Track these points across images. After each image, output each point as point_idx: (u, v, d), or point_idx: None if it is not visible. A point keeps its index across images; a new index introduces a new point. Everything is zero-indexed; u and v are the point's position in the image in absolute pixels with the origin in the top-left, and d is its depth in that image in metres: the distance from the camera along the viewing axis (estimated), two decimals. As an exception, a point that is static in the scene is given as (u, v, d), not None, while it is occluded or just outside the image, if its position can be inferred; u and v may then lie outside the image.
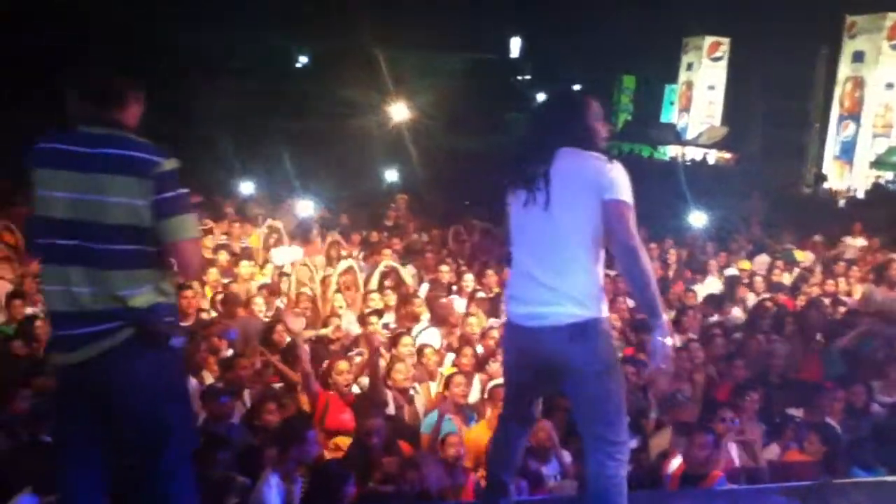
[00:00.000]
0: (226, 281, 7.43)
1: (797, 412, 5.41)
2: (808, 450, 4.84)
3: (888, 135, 21.02)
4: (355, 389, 5.28)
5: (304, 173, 13.80)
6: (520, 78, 42.29)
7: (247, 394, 5.04)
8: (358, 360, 5.74)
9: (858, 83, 21.38)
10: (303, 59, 37.53)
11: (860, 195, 20.16)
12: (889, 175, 20.97)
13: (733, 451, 4.81)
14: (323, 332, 6.37)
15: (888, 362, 6.10)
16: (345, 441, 4.62)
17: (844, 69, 21.92)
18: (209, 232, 9.16)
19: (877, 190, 20.12)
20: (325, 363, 5.41)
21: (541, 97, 45.20)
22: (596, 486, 2.76)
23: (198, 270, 2.98)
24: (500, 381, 5.38)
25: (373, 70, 26.15)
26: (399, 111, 24.06)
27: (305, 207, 10.70)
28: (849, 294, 8.55)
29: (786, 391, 5.81)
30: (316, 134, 22.29)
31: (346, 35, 29.12)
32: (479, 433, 4.87)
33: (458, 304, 7.18)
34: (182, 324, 3.81)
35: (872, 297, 7.77)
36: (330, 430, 4.79)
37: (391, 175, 15.91)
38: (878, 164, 20.95)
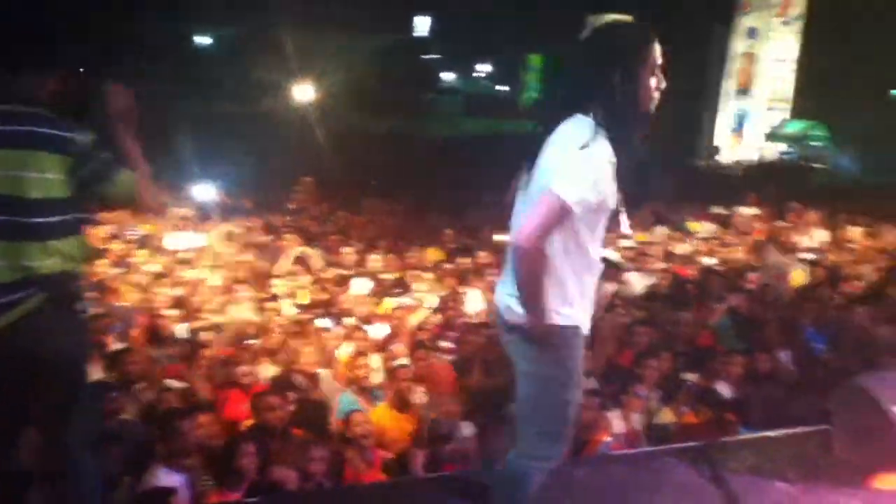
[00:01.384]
0: (119, 270, 7.17)
1: (692, 377, 5.61)
2: (700, 413, 5.04)
3: (779, 108, 21.94)
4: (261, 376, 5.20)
5: (208, 157, 13.40)
6: (429, 57, 42.19)
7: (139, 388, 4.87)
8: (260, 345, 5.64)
9: (752, 58, 22.17)
10: (208, 41, 36.39)
11: (754, 166, 21.04)
12: (783, 146, 21.87)
13: (624, 417, 4.97)
14: (220, 320, 6.22)
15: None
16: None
17: (738, 45, 22.68)
18: (103, 222, 8.81)
19: (771, 161, 21.06)
20: (223, 353, 5.28)
21: (450, 77, 45.28)
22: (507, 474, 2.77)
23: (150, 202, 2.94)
24: (404, 361, 5.42)
25: (280, 52, 25.58)
26: (307, 93, 23.63)
27: (207, 192, 10.42)
28: (738, 260, 8.90)
29: (684, 357, 6.01)
30: (222, 117, 21.70)
31: (252, 16, 28.37)
32: (383, 413, 4.86)
33: (362, 285, 7.14)
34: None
35: (764, 266, 8.11)
36: (230, 420, 4.69)
37: (298, 158, 15.62)
38: (772, 136, 21.83)
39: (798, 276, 8.16)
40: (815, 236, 9.82)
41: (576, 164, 2.32)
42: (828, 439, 4.18)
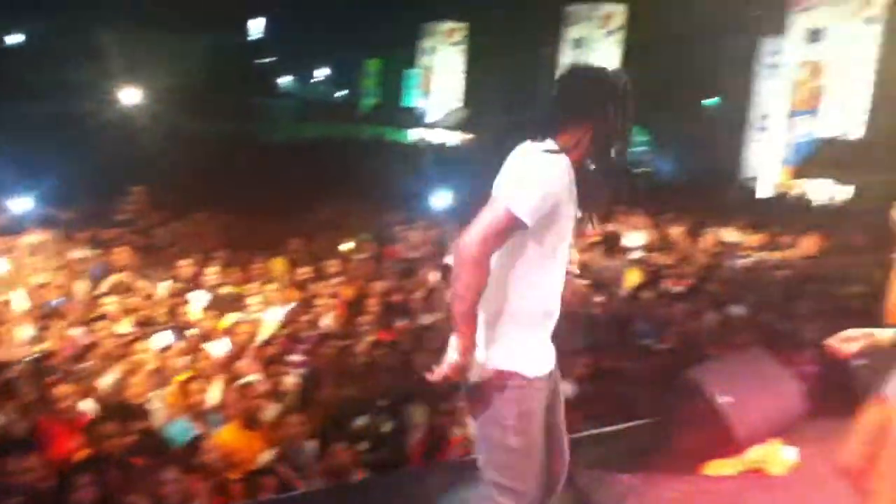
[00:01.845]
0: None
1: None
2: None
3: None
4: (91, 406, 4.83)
5: (21, 164, 12.33)
6: (264, 60, 41.17)
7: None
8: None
9: (578, 68, 23.37)
10: (18, 39, 33.58)
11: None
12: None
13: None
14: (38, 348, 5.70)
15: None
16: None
17: (566, 55, 23.79)
18: None
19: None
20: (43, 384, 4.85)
21: (287, 80, 44.43)
22: None
23: None
24: (251, 378, 5.23)
25: (100, 52, 24.01)
26: (133, 96, 22.34)
27: (21, 203, 9.60)
28: (575, 263, 9.30)
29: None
30: (37, 120, 20.05)
31: (73, 14, 26.44)
32: (230, 435, 4.66)
33: (200, 299, 6.83)
34: None
35: (599, 264, 8.52)
36: (59, 459, 4.31)
37: (125, 164, 14.71)
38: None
39: (631, 276, 8.64)
40: (641, 237, 10.43)
41: (528, 173, 2.30)
42: (664, 430, 4.44)
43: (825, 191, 17.34)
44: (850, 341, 2.87)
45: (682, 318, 6.95)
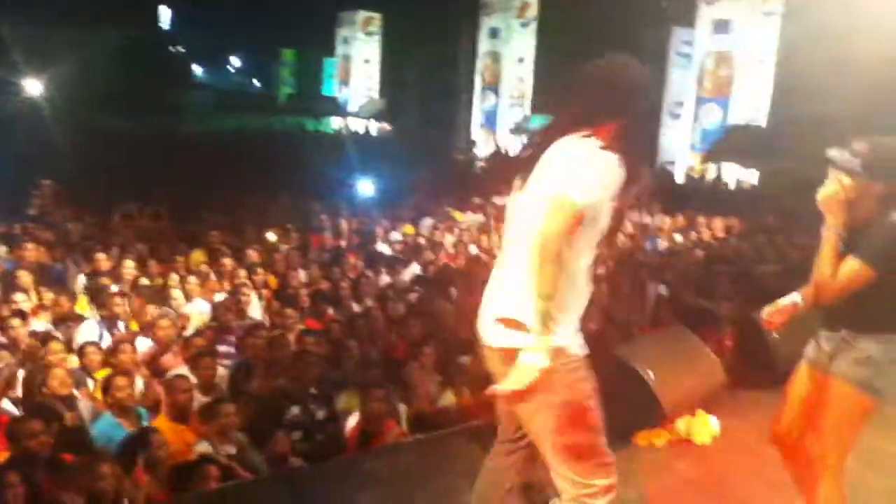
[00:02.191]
0: None
1: (468, 359, 5.86)
2: (481, 392, 5.28)
3: (522, 104, 23.58)
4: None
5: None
6: (175, 50, 40.01)
7: None
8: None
9: (496, 57, 23.56)
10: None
11: (507, 159, 22.44)
12: (526, 140, 23.44)
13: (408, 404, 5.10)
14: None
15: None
16: None
17: (483, 44, 23.99)
18: None
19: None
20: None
21: (198, 71, 43.30)
22: None
23: None
24: (178, 371, 5.11)
25: (8, 45, 22.86)
26: (40, 90, 21.41)
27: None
28: (499, 248, 9.44)
29: (459, 342, 6.26)
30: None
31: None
32: (160, 426, 4.55)
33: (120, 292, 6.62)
34: None
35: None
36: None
37: (32, 160, 14.08)
38: (517, 130, 23.40)
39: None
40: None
41: (589, 169, 2.31)
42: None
43: (736, 175, 18.07)
44: (778, 312, 3.03)
45: (605, 299, 7.15)
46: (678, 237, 10.55)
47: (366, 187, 12.95)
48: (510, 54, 23.17)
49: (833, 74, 14.10)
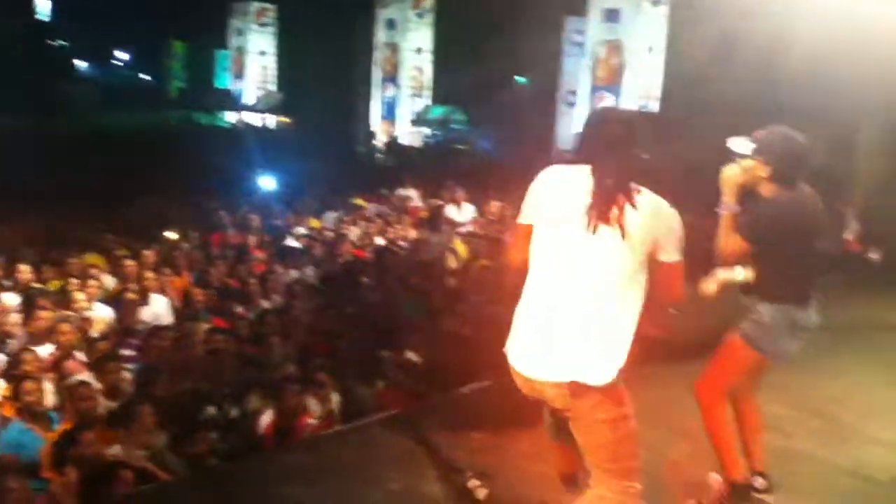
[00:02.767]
0: None
1: (385, 352, 5.89)
2: (402, 384, 5.35)
3: (422, 94, 23.63)
4: None
5: None
6: (55, 43, 38.05)
7: None
8: None
9: (394, 48, 23.49)
10: None
11: (408, 150, 22.49)
12: (427, 131, 23.61)
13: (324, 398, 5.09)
14: None
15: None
16: None
17: (380, 35, 23.87)
18: None
19: (421, 145, 22.72)
20: None
21: (82, 64, 41.31)
22: None
23: None
24: (83, 376, 4.94)
25: None
26: None
27: None
28: (405, 238, 9.50)
29: (377, 334, 6.26)
30: None
31: None
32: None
33: (9, 299, 6.33)
34: None
35: (429, 241, 8.74)
36: None
37: None
38: (417, 121, 23.45)
39: (460, 249, 8.94)
40: (466, 211, 10.77)
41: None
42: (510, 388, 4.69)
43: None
44: (709, 283, 3.30)
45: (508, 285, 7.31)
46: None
47: (266, 182, 12.73)
48: (408, 45, 23.17)
49: (717, 60, 14.78)
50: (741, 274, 3.22)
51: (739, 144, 3.18)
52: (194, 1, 28.86)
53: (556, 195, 2.62)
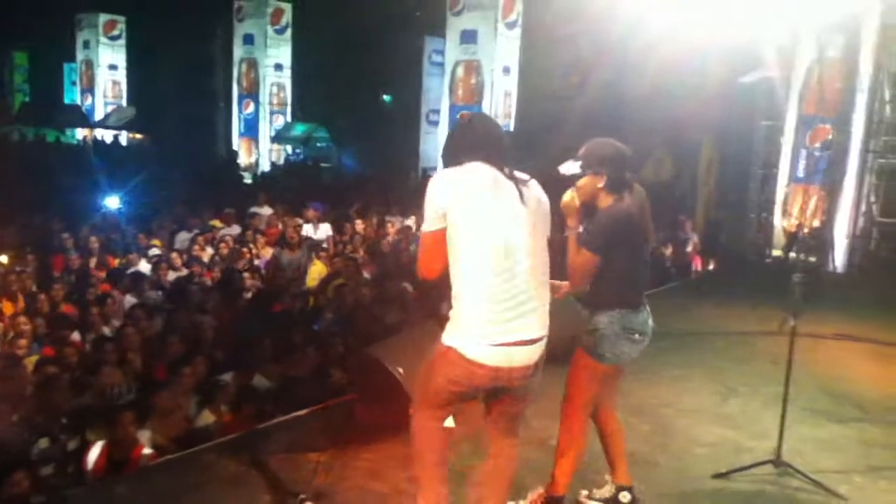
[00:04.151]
0: None
1: (227, 377, 5.74)
2: (242, 409, 5.21)
3: (284, 111, 23.33)
4: None
5: None
6: None
7: None
8: None
9: (252, 64, 23.08)
10: None
11: (266, 168, 22.14)
12: (290, 148, 23.33)
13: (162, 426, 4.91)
14: None
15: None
16: None
17: (238, 50, 23.40)
18: None
19: (283, 163, 22.42)
20: None
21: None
22: None
23: None
24: None
25: None
26: None
27: None
28: (258, 257, 9.33)
29: (223, 357, 6.09)
30: None
31: None
32: None
33: None
34: None
35: (280, 260, 8.61)
36: None
37: None
38: (279, 139, 23.11)
39: (318, 268, 8.87)
40: (323, 230, 10.71)
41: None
42: (351, 407, 4.70)
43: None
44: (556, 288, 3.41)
45: (370, 301, 7.32)
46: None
47: (112, 202, 12.15)
48: (267, 61, 22.82)
49: (569, 81, 15.46)
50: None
51: (569, 167, 3.30)
52: (37, 11, 27.26)
53: (468, 190, 2.73)
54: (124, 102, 27.57)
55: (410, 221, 11.77)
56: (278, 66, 22.83)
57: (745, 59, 11.90)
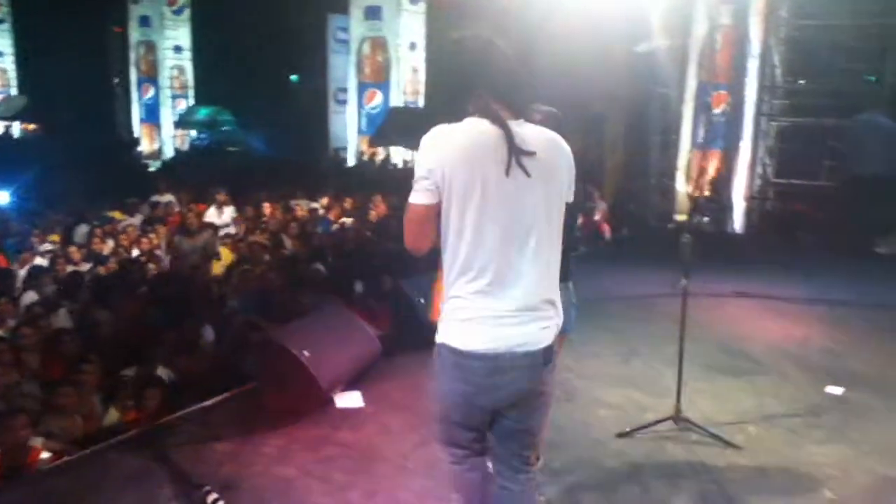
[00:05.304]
0: None
1: (130, 372, 5.57)
2: (147, 403, 5.06)
3: (186, 95, 22.60)
4: None
5: None
6: None
7: None
8: None
9: (150, 47, 22.26)
10: None
11: (171, 154, 21.46)
12: (193, 133, 22.66)
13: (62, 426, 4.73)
14: None
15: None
16: None
17: (135, 34, 22.52)
18: None
19: (188, 148, 21.75)
20: None
21: None
22: None
23: None
24: None
25: None
26: None
27: None
28: (159, 247, 9.07)
29: (124, 352, 5.89)
30: None
31: None
32: None
33: None
34: None
35: (181, 247, 8.39)
36: None
37: None
38: (182, 124, 22.39)
39: (224, 254, 8.67)
40: (227, 214, 10.46)
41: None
42: (257, 394, 4.64)
43: (403, 156, 19.09)
44: None
45: (279, 287, 7.20)
46: (346, 220, 10.90)
47: (4, 197, 11.60)
48: (165, 43, 22.05)
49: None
50: None
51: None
52: None
53: (465, 154, 2.22)
54: (14, 91, 26.16)
55: (317, 204, 11.64)
56: (178, 49, 22.10)
57: (643, 29, 12.16)
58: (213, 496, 3.43)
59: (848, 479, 3.79)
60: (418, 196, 2.26)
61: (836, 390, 5.00)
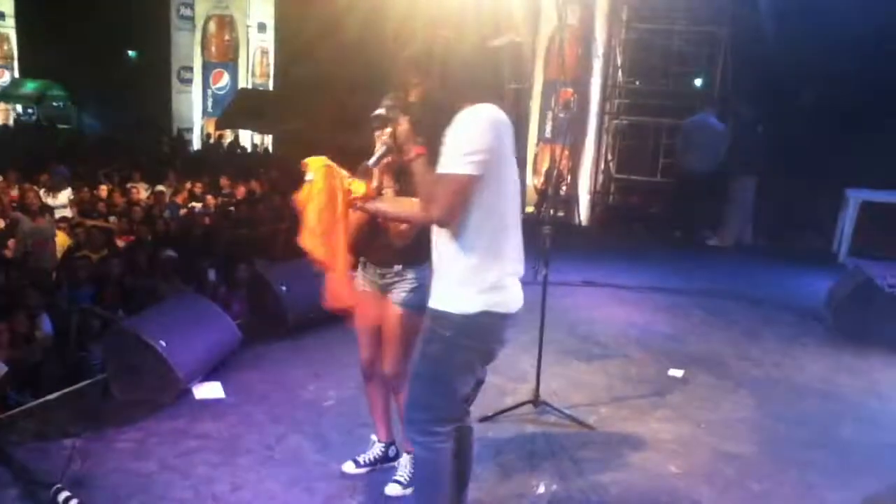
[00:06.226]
0: None
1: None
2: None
3: (10, 67, 20.88)
4: None
5: None
6: None
7: None
8: None
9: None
10: None
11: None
12: (19, 107, 21.04)
13: None
14: None
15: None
16: None
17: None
18: None
19: (14, 124, 20.11)
20: None
21: None
22: None
23: None
24: None
25: None
26: None
27: None
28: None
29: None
30: None
31: None
32: None
33: None
34: None
35: (21, 227, 7.77)
36: None
37: None
38: (5, 97, 20.72)
39: (61, 239, 8.07)
40: (62, 196, 9.76)
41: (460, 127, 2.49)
42: (106, 386, 4.37)
43: (252, 138, 18.54)
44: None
45: (114, 274, 6.79)
46: (197, 204, 10.46)
47: None
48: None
49: (324, 40, 15.17)
50: None
51: (376, 122, 2.83)
52: None
53: (508, 137, 2.53)
54: None
55: (162, 186, 11.08)
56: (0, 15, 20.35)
57: (496, 24, 12.43)
58: (65, 494, 3.20)
59: (690, 454, 4.07)
60: (473, 167, 2.38)
61: (678, 372, 5.37)
